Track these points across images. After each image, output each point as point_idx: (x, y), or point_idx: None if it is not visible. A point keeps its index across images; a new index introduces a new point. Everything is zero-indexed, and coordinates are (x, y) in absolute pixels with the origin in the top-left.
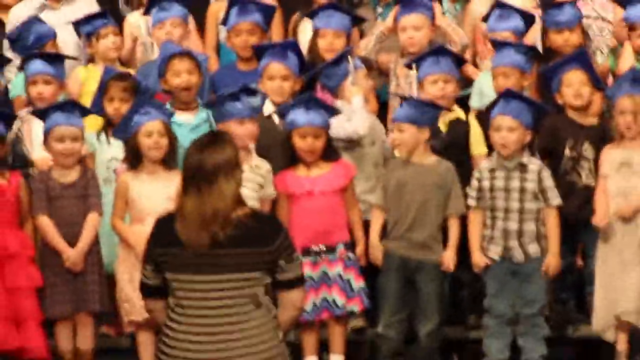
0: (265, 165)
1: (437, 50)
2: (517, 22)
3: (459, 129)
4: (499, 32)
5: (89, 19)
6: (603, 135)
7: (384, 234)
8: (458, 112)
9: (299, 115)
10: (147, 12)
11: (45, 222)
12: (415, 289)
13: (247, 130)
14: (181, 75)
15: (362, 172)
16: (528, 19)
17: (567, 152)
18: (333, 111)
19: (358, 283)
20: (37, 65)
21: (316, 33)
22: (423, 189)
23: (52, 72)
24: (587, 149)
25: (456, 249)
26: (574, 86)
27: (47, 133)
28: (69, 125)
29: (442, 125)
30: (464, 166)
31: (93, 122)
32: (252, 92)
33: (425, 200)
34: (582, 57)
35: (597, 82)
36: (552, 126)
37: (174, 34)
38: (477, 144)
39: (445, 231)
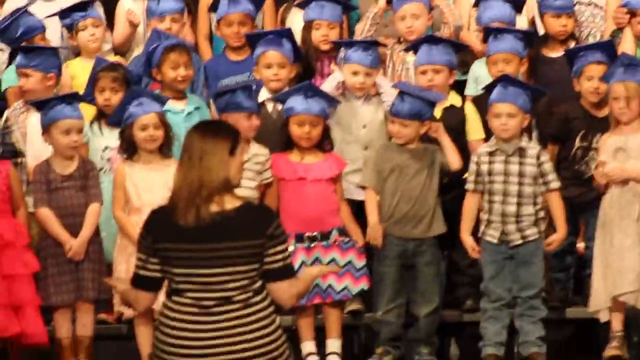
0: (263, 152)
1: (430, 39)
2: (503, 10)
3: (454, 115)
4: (485, 23)
5: (67, 11)
6: None
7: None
8: (453, 99)
9: (298, 103)
10: None
11: (47, 214)
12: (414, 273)
13: (253, 124)
14: (179, 68)
15: (347, 153)
16: (517, 4)
17: (577, 141)
18: (331, 100)
19: (361, 261)
20: (21, 58)
21: (309, 24)
22: (421, 171)
23: (35, 65)
24: (598, 140)
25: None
26: (593, 81)
27: (49, 125)
28: (76, 117)
29: (437, 112)
30: (461, 152)
31: (86, 112)
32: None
33: (423, 181)
34: (608, 48)
35: None
36: (565, 114)
37: (173, 28)
38: (473, 130)
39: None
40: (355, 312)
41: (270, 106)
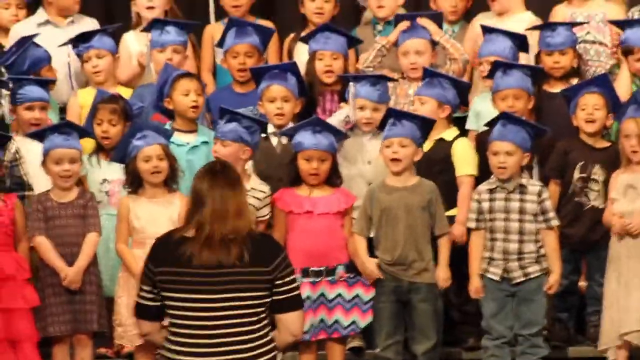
0: (264, 188)
1: (433, 74)
2: (504, 45)
3: (442, 149)
4: (485, 57)
5: (73, 41)
6: (614, 157)
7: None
8: (446, 133)
9: (306, 138)
10: (146, 30)
11: (43, 242)
12: (410, 310)
13: (227, 151)
14: (190, 94)
15: (352, 189)
16: (520, 41)
17: (576, 173)
18: (340, 135)
19: (368, 294)
20: (34, 91)
21: (313, 55)
22: (409, 212)
23: (47, 98)
24: (597, 172)
25: (447, 267)
26: (587, 109)
27: (45, 155)
28: (67, 147)
29: (427, 144)
30: (445, 187)
31: (84, 145)
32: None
33: (412, 223)
34: (601, 81)
35: (616, 106)
36: (564, 148)
37: (174, 59)
38: (462, 166)
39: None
40: (356, 349)
41: (274, 140)
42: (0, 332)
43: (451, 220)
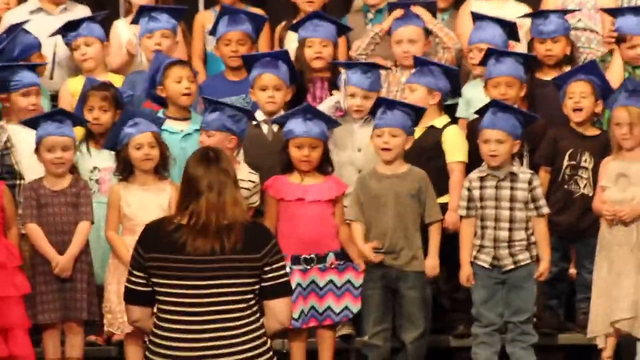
0: (252, 178)
1: (423, 62)
2: (493, 32)
3: (432, 136)
4: (475, 44)
5: (61, 30)
6: (604, 145)
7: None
8: (437, 120)
9: (297, 126)
10: (135, 22)
11: (35, 230)
12: (399, 298)
13: (213, 141)
14: (183, 81)
15: (342, 176)
16: (510, 28)
17: (565, 160)
18: (331, 122)
19: (359, 280)
20: (29, 76)
21: (302, 43)
22: (398, 199)
23: (39, 83)
24: (587, 159)
25: (437, 255)
26: (574, 97)
27: (38, 142)
28: (60, 134)
29: (418, 132)
30: (436, 174)
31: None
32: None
33: (401, 210)
34: (589, 68)
35: (606, 93)
36: (554, 136)
37: (163, 44)
38: (453, 152)
39: (425, 239)
40: (346, 337)
41: (265, 128)
42: None
43: (442, 207)
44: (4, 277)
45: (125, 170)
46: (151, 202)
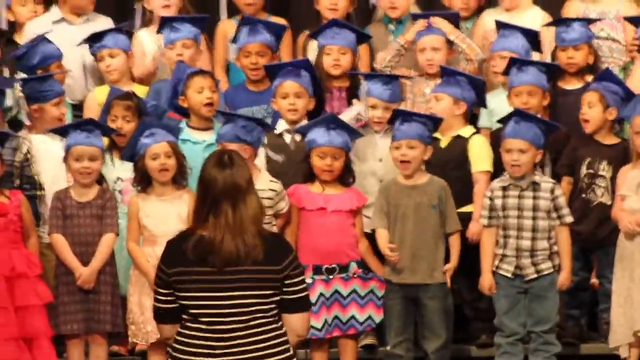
0: (274, 187)
1: (450, 72)
2: (516, 42)
3: (458, 146)
4: (498, 52)
5: (86, 41)
6: (623, 154)
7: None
8: (463, 130)
9: (320, 135)
10: (159, 31)
11: (60, 240)
12: (420, 308)
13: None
14: (204, 91)
15: (364, 186)
16: (532, 37)
17: (583, 169)
18: (354, 133)
19: (382, 290)
20: (57, 86)
21: (322, 50)
22: (418, 210)
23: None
24: (605, 167)
25: (456, 261)
26: (582, 108)
27: (66, 151)
28: (88, 144)
29: (445, 141)
30: (460, 183)
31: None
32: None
33: (421, 221)
34: (602, 77)
35: (624, 100)
36: (574, 145)
37: (185, 54)
38: (478, 162)
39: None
40: (369, 346)
41: (288, 137)
42: (16, 330)
43: (465, 216)
44: (26, 286)
45: (143, 181)
46: (169, 212)
